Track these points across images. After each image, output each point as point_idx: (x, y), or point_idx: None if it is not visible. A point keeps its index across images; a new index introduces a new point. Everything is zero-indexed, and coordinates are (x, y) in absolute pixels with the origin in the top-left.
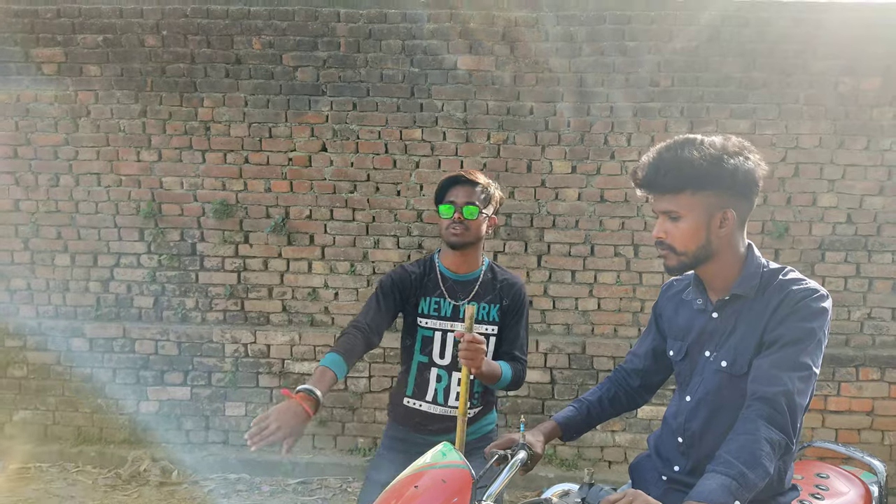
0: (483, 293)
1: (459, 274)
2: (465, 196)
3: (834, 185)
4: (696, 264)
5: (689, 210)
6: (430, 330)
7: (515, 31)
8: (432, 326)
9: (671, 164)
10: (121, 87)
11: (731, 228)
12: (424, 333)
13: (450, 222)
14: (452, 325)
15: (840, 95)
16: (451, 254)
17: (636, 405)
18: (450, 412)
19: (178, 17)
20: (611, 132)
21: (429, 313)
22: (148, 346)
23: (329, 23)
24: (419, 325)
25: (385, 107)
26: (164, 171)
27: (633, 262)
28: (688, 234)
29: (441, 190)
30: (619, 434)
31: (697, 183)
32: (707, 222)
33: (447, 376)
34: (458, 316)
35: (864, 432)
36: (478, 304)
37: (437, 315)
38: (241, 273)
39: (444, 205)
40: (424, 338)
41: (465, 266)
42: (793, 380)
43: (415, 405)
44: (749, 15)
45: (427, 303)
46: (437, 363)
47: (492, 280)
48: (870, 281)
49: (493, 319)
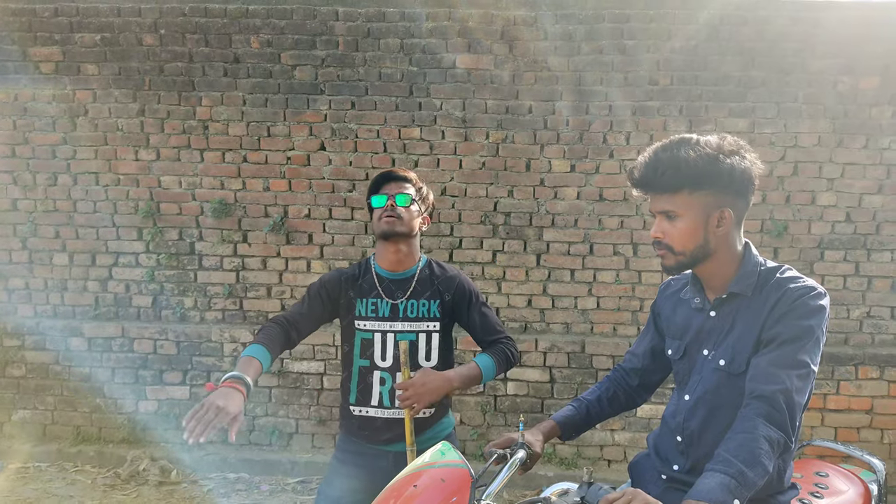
0: (421, 290)
1: (396, 272)
2: (396, 188)
3: (833, 183)
4: (694, 263)
5: (686, 209)
6: (369, 332)
7: (514, 29)
8: (371, 328)
9: (668, 163)
10: (119, 86)
11: (728, 227)
12: (364, 336)
13: (381, 211)
14: (392, 325)
15: (839, 94)
16: (386, 251)
17: (635, 404)
18: (398, 414)
19: (176, 16)
20: (609, 131)
21: (366, 315)
22: (146, 346)
23: (327, 21)
24: (357, 328)
25: (383, 106)
26: (163, 171)
27: (632, 260)
28: (685, 233)
29: (373, 185)
30: (618, 433)
31: (694, 182)
32: (705, 222)
33: (391, 378)
34: (397, 315)
35: (864, 431)
36: (416, 301)
37: (376, 316)
38: (240, 272)
39: (376, 196)
40: (364, 341)
41: (400, 264)
42: (791, 378)
43: (361, 412)
44: (747, 14)
45: (364, 304)
46: (380, 366)
47: (429, 276)
48: (869, 279)
49: (433, 315)
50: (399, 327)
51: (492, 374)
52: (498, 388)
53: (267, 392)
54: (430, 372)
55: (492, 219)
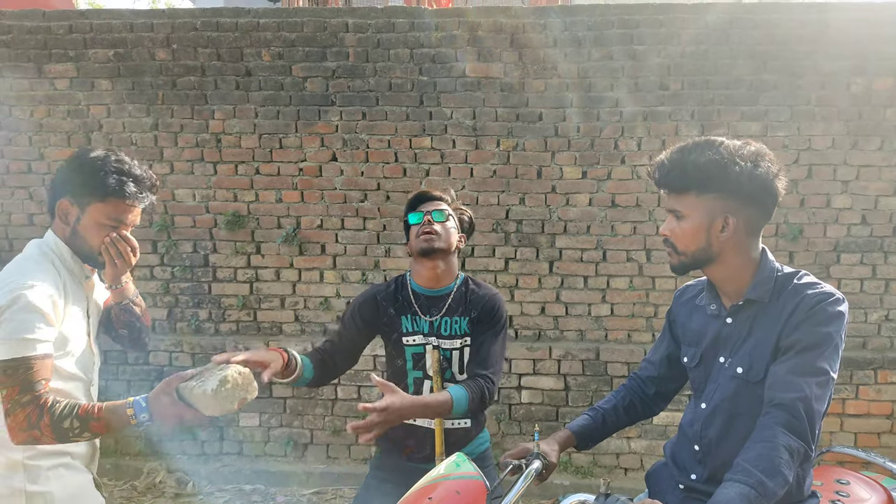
0: (455, 307)
1: (432, 289)
2: (432, 206)
3: (848, 186)
4: (697, 265)
5: (692, 211)
6: (419, 346)
7: (523, 37)
8: (421, 342)
9: (676, 164)
10: (132, 100)
11: (732, 234)
12: (414, 351)
13: (419, 227)
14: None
15: (852, 96)
16: (423, 268)
17: (652, 413)
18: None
19: (188, 31)
20: (621, 137)
21: (414, 330)
22: (162, 358)
23: (337, 33)
24: (405, 343)
25: (394, 115)
26: (176, 184)
27: (645, 267)
28: (689, 234)
29: (409, 205)
30: (634, 441)
31: (701, 185)
32: (708, 225)
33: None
34: (433, 331)
35: (885, 436)
36: (450, 318)
37: (419, 332)
38: (254, 283)
39: (413, 213)
40: (415, 355)
41: (438, 281)
42: (810, 385)
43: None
44: (757, 17)
45: (409, 320)
46: (430, 375)
47: (465, 294)
48: (886, 282)
49: (464, 332)
50: (435, 343)
51: (462, 409)
52: (512, 396)
53: (281, 403)
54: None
55: (504, 226)
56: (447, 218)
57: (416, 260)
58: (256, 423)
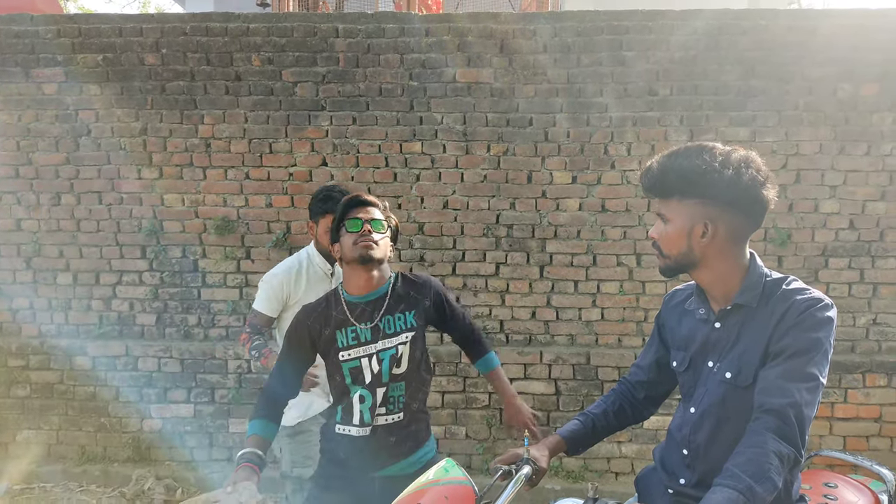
0: (395, 304)
1: (367, 294)
2: (369, 214)
3: (836, 191)
4: (682, 269)
5: (675, 215)
6: (355, 360)
7: (513, 43)
8: (357, 356)
9: (659, 169)
10: (121, 105)
11: (712, 239)
12: (351, 366)
13: (357, 236)
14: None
15: (839, 101)
16: (358, 276)
17: (642, 417)
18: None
19: (178, 35)
20: (610, 142)
21: (349, 345)
22: (151, 364)
23: (328, 38)
24: (341, 360)
25: (385, 120)
26: (166, 189)
27: (635, 271)
28: (672, 238)
29: (343, 211)
30: (625, 445)
31: (683, 191)
32: (689, 230)
33: (370, 395)
34: (378, 336)
35: (873, 439)
36: (392, 316)
37: (358, 342)
38: (243, 289)
39: (351, 220)
40: (352, 370)
41: (370, 286)
42: (800, 391)
43: (344, 430)
44: (745, 23)
45: (344, 334)
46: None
47: (402, 288)
48: (874, 286)
49: (410, 326)
50: (380, 346)
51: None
52: None
53: None
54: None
55: (494, 231)
56: (385, 229)
57: (351, 267)
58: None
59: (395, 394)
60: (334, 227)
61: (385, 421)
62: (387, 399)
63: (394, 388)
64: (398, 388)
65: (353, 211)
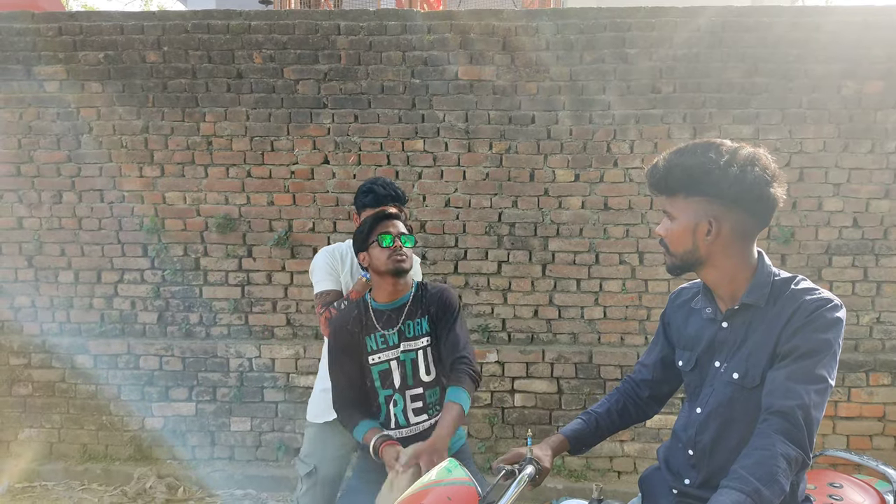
0: (414, 310)
1: (393, 302)
2: (397, 227)
3: (839, 188)
4: (688, 268)
5: (680, 213)
6: (385, 363)
7: (515, 40)
8: (386, 359)
9: (665, 167)
10: (123, 103)
11: (717, 237)
12: (380, 369)
13: (391, 251)
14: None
15: (843, 99)
16: (387, 285)
17: (646, 416)
18: (415, 430)
19: (179, 33)
20: (613, 140)
21: (379, 348)
22: (152, 362)
23: (329, 36)
24: (371, 363)
25: (386, 118)
26: (167, 187)
27: (638, 269)
28: (678, 236)
29: (371, 227)
30: (627, 444)
31: (688, 188)
32: (694, 228)
33: (402, 399)
34: (405, 336)
35: (877, 438)
36: (412, 321)
37: (387, 346)
38: (245, 287)
39: (383, 235)
40: (381, 373)
41: (397, 294)
42: (809, 393)
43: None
44: (749, 20)
45: (373, 340)
46: (395, 389)
47: (420, 296)
48: (878, 285)
49: (425, 331)
50: (403, 348)
51: (469, 403)
52: (506, 400)
53: (273, 407)
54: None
55: (496, 229)
56: (410, 239)
57: (383, 277)
58: (247, 428)
59: (432, 399)
60: (362, 238)
61: (427, 426)
62: (427, 405)
63: (430, 393)
64: (434, 394)
65: (383, 225)
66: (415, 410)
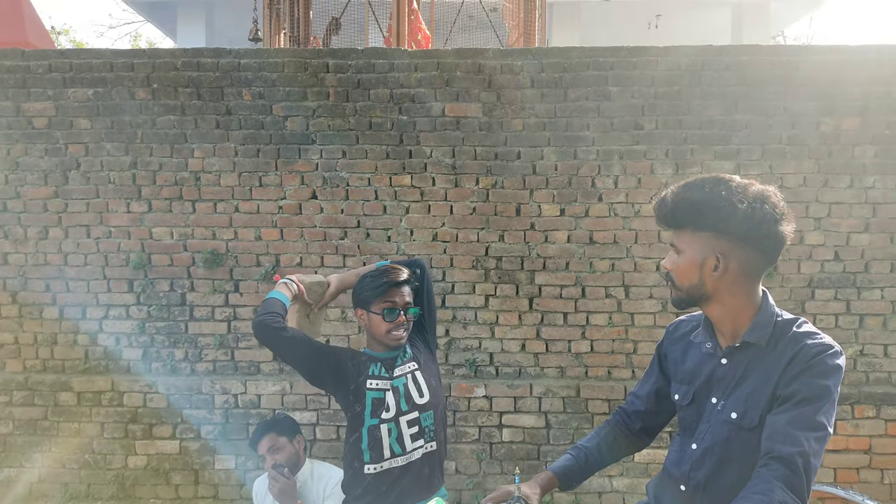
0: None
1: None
2: (404, 297)
3: (820, 223)
4: (693, 302)
5: (687, 247)
6: (380, 391)
7: (501, 78)
8: (383, 387)
9: (673, 200)
10: (111, 139)
11: (724, 273)
12: (375, 396)
13: (393, 326)
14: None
15: (822, 135)
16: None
17: (637, 449)
18: (412, 458)
19: (169, 71)
20: (598, 175)
21: (380, 374)
22: (136, 399)
23: (318, 73)
24: (368, 388)
25: (374, 154)
26: (154, 222)
27: (624, 303)
28: (684, 270)
29: (381, 290)
30: (616, 479)
31: (696, 222)
32: (701, 263)
33: (396, 427)
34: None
35: (863, 471)
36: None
37: (388, 375)
38: (232, 322)
39: (388, 309)
40: (375, 400)
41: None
42: (809, 440)
43: (377, 469)
44: (728, 59)
45: (377, 366)
46: (385, 419)
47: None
48: (860, 317)
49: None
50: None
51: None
52: (493, 435)
53: None
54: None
55: (483, 263)
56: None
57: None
58: (232, 466)
59: (427, 423)
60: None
61: (424, 451)
62: (422, 430)
63: (424, 417)
64: (428, 418)
65: (392, 293)
66: (412, 436)
